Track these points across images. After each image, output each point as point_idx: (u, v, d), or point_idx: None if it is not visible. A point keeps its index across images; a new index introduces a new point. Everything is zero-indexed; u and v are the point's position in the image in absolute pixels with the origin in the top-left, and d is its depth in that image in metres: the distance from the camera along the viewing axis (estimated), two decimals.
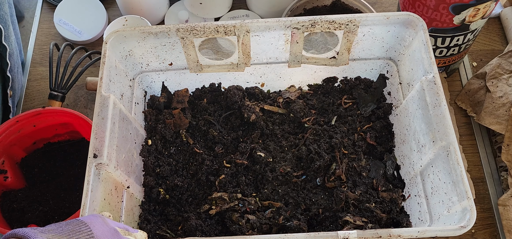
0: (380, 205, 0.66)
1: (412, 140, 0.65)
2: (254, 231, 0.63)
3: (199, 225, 0.64)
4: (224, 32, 0.65)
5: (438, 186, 0.58)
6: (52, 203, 0.75)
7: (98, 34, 0.97)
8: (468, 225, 0.51)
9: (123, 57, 0.68)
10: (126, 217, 0.62)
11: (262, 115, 0.74)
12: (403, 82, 0.70)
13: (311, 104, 0.76)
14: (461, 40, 0.76)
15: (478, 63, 0.93)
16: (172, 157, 0.71)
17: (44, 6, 1.04)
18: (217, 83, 0.78)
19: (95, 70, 0.92)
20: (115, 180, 0.60)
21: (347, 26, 0.65)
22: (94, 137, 0.58)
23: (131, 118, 0.67)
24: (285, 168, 0.68)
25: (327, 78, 0.78)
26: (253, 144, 0.71)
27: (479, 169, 0.82)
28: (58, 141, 0.81)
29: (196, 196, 0.69)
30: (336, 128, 0.73)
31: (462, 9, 0.69)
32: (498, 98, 0.81)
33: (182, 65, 0.73)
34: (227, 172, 0.69)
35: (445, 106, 0.58)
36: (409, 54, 0.67)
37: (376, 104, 0.75)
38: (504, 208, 0.75)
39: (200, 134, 0.74)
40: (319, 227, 0.65)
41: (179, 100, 0.75)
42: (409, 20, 0.64)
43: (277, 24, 0.65)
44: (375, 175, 0.69)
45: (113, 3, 1.03)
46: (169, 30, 0.65)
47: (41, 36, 0.99)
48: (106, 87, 0.62)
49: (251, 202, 0.65)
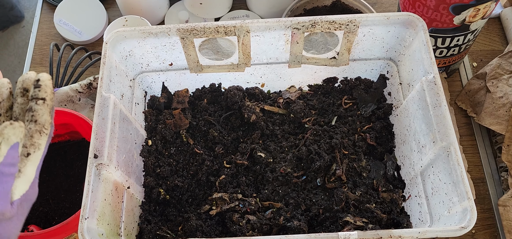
0: (381, 206, 0.66)
1: (412, 140, 0.65)
2: (254, 231, 0.63)
3: (200, 225, 0.64)
4: (224, 32, 0.65)
5: (439, 187, 0.58)
6: (52, 204, 0.75)
7: (98, 35, 0.97)
8: (469, 226, 0.51)
9: (123, 57, 0.68)
10: (127, 217, 0.62)
11: (262, 115, 0.74)
12: (404, 83, 0.70)
13: (311, 104, 0.76)
14: (461, 40, 0.76)
15: (478, 64, 0.93)
16: (173, 157, 0.71)
17: (44, 6, 1.04)
18: (217, 83, 0.78)
19: (95, 71, 0.92)
20: (116, 181, 0.60)
21: (347, 26, 0.65)
22: (95, 137, 0.58)
23: (132, 119, 0.67)
24: (286, 169, 0.68)
25: (327, 78, 0.78)
26: (253, 144, 0.71)
27: (480, 169, 0.82)
28: (58, 141, 0.81)
29: (196, 197, 0.69)
30: (336, 128, 0.73)
31: (462, 10, 0.69)
32: (498, 99, 0.81)
33: (182, 66, 0.73)
34: (227, 172, 0.69)
35: (445, 107, 0.58)
36: (409, 55, 0.67)
37: (376, 105, 0.75)
38: (504, 209, 0.75)
39: (200, 134, 0.74)
40: (319, 227, 0.65)
41: (179, 101, 0.75)
42: (409, 20, 0.64)
43: (277, 24, 0.65)
44: (375, 175, 0.69)
45: (113, 3, 1.03)
46: (169, 30, 0.65)
47: (41, 37, 0.99)
48: (107, 88, 0.62)
49: (251, 202, 0.65)
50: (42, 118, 0.40)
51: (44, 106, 0.41)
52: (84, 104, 0.83)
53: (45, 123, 0.41)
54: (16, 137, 0.38)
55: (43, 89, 0.41)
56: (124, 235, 0.60)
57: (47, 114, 0.41)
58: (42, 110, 0.41)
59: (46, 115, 0.41)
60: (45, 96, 0.41)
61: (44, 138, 0.41)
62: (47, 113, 0.41)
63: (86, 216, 0.53)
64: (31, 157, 0.40)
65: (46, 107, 0.41)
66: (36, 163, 0.41)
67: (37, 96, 0.41)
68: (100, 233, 0.54)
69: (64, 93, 0.81)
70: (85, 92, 0.82)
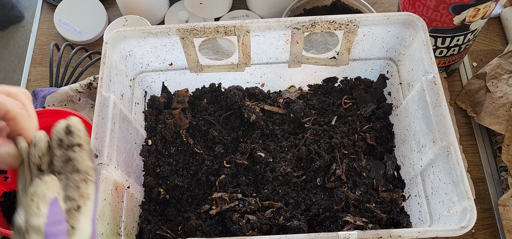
0: (380, 205, 0.66)
1: (412, 140, 0.65)
2: (254, 231, 0.63)
3: (199, 225, 0.64)
4: (224, 32, 0.65)
5: (438, 186, 0.58)
6: None
7: (98, 34, 0.97)
8: (469, 226, 0.51)
9: (123, 57, 0.68)
10: (126, 217, 0.62)
11: (262, 115, 0.74)
12: (403, 83, 0.70)
13: (311, 104, 0.76)
14: (461, 40, 0.76)
15: (478, 63, 0.93)
16: (172, 157, 0.71)
17: (44, 6, 1.04)
18: (217, 83, 0.78)
19: (95, 70, 0.92)
20: (116, 180, 0.60)
21: (347, 26, 0.65)
22: (95, 137, 0.58)
23: (131, 119, 0.67)
24: (285, 168, 0.68)
25: (327, 78, 0.78)
26: (253, 144, 0.71)
27: (479, 169, 0.82)
28: None
29: (196, 196, 0.69)
30: (336, 128, 0.73)
31: (462, 10, 0.69)
32: (498, 99, 0.81)
33: (182, 65, 0.73)
34: (227, 172, 0.69)
35: (445, 107, 0.58)
36: (409, 55, 0.67)
37: (376, 105, 0.75)
38: (504, 208, 0.75)
39: (200, 134, 0.74)
40: (319, 227, 0.65)
41: (179, 101, 0.75)
42: (409, 20, 0.64)
43: (277, 24, 0.65)
44: (375, 175, 0.69)
45: (113, 3, 1.03)
46: (169, 30, 0.65)
47: (41, 36, 0.99)
48: (106, 88, 0.62)
49: (251, 202, 0.65)
50: (83, 166, 0.38)
51: (82, 152, 0.38)
52: (84, 104, 0.83)
53: (88, 169, 0.38)
54: (51, 192, 0.36)
55: (76, 135, 0.38)
56: (124, 235, 0.60)
57: (88, 160, 0.38)
58: (81, 157, 0.38)
59: (87, 161, 0.38)
60: (79, 142, 0.38)
61: (91, 185, 0.38)
62: (88, 159, 0.38)
63: None
64: (82, 209, 0.37)
65: (85, 152, 0.38)
66: (90, 215, 0.38)
67: (72, 144, 0.38)
68: (100, 232, 0.54)
69: (64, 93, 0.81)
70: (85, 92, 0.82)
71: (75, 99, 0.82)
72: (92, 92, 0.84)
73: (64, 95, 0.81)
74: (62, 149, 0.38)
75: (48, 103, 0.79)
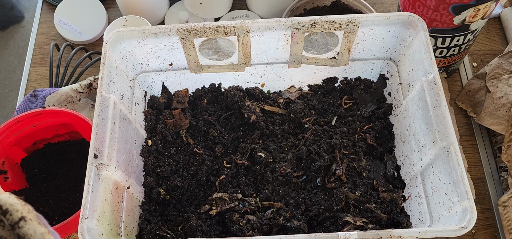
0: (381, 206, 0.66)
1: (412, 140, 0.65)
2: (254, 231, 0.63)
3: (200, 225, 0.64)
4: (224, 32, 0.65)
5: (439, 187, 0.58)
6: (52, 204, 0.75)
7: (98, 35, 0.97)
8: (469, 226, 0.51)
9: (123, 57, 0.68)
10: (127, 217, 0.62)
11: (262, 115, 0.74)
12: (403, 83, 0.70)
13: (311, 104, 0.76)
14: (461, 40, 0.76)
15: (478, 64, 0.93)
16: (172, 157, 0.71)
17: (44, 6, 1.04)
18: (217, 83, 0.78)
19: (95, 71, 0.92)
20: (116, 181, 0.60)
21: (347, 26, 0.65)
22: (95, 137, 0.58)
23: (132, 119, 0.67)
24: (285, 169, 0.68)
25: (327, 78, 0.78)
26: (253, 144, 0.71)
27: (479, 169, 0.82)
28: (58, 142, 0.81)
29: (196, 197, 0.69)
30: (336, 128, 0.73)
31: (462, 10, 0.69)
32: (498, 99, 0.81)
33: (182, 66, 0.73)
34: (227, 172, 0.69)
35: (445, 107, 0.58)
36: (409, 55, 0.67)
37: (376, 105, 0.75)
38: (504, 209, 0.75)
39: (200, 134, 0.74)
40: (319, 227, 0.65)
41: (179, 101, 0.75)
42: (409, 20, 0.64)
43: (277, 24, 0.65)
44: (375, 175, 0.69)
45: (113, 3, 1.03)
46: (169, 30, 0.65)
47: (41, 37, 0.99)
48: (107, 88, 0.62)
49: (251, 202, 0.65)
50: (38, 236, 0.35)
51: (29, 223, 0.35)
52: (84, 104, 0.83)
53: (43, 235, 0.35)
54: None
55: (13, 211, 0.35)
56: (124, 235, 0.60)
57: (38, 226, 0.35)
58: (31, 228, 0.35)
59: (38, 229, 0.35)
60: (21, 216, 0.35)
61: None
62: (37, 226, 0.35)
63: (86, 216, 0.53)
64: None
65: (31, 222, 0.35)
66: None
67: (14, 221, 0.35)
68: (100, 233, 0.54)
69: (64, 93, 0.81)
70: (85, 93, 0.82)
71: (75, 100, 0.82)
72: (92, 93, 0.84)
73: (64, 95, 0.81)
74: (5, 229, 0.35)
75: (48, 104, 0.79)
